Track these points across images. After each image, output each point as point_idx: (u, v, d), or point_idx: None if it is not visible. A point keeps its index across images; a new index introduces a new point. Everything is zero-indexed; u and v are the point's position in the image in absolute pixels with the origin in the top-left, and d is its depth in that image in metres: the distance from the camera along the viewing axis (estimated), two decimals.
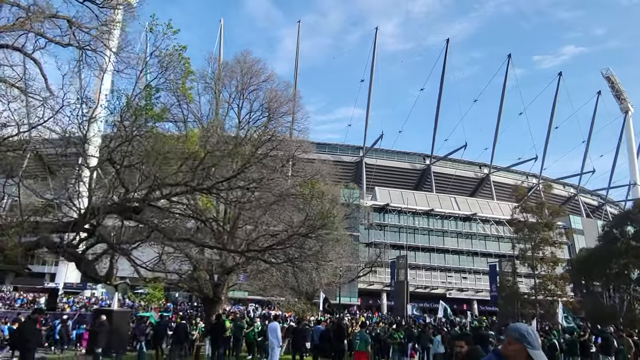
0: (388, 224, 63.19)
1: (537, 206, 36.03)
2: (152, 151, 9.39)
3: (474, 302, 61.86)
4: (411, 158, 77.87)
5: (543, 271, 35.00)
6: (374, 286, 59.31)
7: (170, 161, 10.05)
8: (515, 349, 2.77)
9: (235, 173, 11.26)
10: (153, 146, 9.47)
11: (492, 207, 69.07)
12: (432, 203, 66.11)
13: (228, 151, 12.00)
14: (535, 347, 2.76)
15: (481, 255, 63.72)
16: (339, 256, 28.23)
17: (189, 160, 9.82)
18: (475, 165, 79.79)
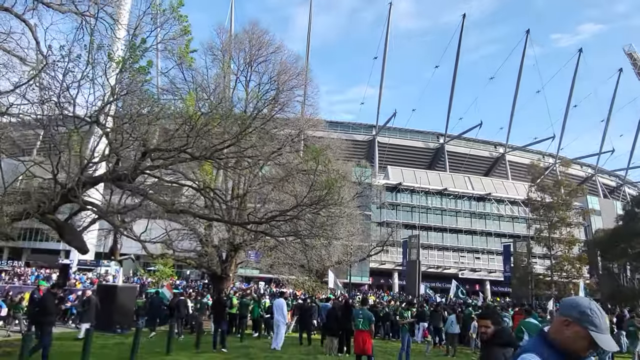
0: (400, 204, 62.42)
1: (554, 184, 34.82)
2: (144, 114, 8.72)
3: (486, 283, 61.35)
4: (425, 137, 76.50)
5: (560, 251, 34.01)
6: (385, 265, 59.01)
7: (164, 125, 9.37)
8: (575, 332, 2.03)
9: (235, 139, 10.51)
10: (141, 104, 8.77)
11: (506, 187, 67.80)
12: (446, 182, 65.02)
13: (226, 115, 11.22)
14: (602, 329, 2.01)
15: (495, 236, 62.85)
16: (349, 234, 27.57)
17: (185, 125, 9.12)
18: (490, 145, 78.19)
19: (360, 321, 9.24)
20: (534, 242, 37.42)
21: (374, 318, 9.79)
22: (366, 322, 9.15)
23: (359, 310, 9.49)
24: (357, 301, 22.97)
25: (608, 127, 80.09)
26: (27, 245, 66.17)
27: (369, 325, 9.34)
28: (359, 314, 9.30)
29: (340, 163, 31.67)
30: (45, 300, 10.27)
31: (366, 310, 9.46)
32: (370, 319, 9.32)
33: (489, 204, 65.10)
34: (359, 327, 9.23)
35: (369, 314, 9.32)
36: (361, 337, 9.22)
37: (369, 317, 9.23)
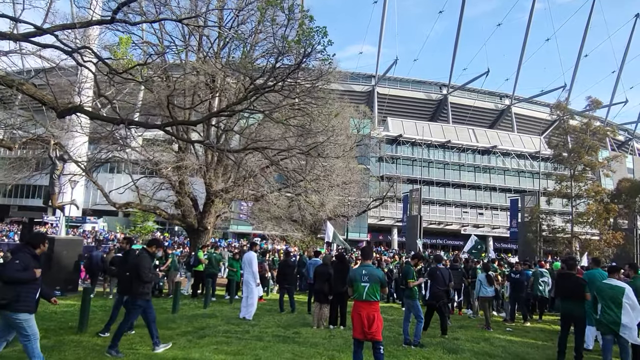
0: (401, 157, 59.22)
1: (581, 126, 31.41)
2: None
3: (489, 239, 58.96)
4: (427, 87, 72.35)
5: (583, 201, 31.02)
6: (384, 221, 56.50)
7: None
8: None
9: None
10: None
11: (513, 139, 64.45)
12: (449, 135, 61.56)
13: None
14: None
15: (499, 191, 60.05)
16: (344, 181, 24.37)
17: None
18: (495, 96, 74.21)
19: (365, 286, 5.80)
20: (551, 195, 34.36)
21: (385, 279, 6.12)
22: (374, 287, 5.81)
23: (361, 269, 5.97)
24: (355, 256, 19.98)
25: (620, 78, 75.87)
26: (13, 203, 63.85)
27: (378, 293, 5.89)
28: (362, 273, 5.87)
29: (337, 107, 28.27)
30: (141, 262, 7.21)
31: (372, 268, 5.99)
32: (381, 281, 5.94)
33: (494, 158, 61.97)
34: (363, 295, 5.81)
35: (377, 274, 5.90)
36: (365, 312, 5.74)
37: (378, 279, 5.85)
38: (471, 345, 8.44)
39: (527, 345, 8.89)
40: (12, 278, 5.22)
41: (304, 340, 8.21)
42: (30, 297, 5.33)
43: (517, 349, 8.41)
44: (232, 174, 20.60)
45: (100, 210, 55.10)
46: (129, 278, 7.23)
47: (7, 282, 5.20)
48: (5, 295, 5.15)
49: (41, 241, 5.74)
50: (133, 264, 7.24)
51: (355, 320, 5.89)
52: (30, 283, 5.34)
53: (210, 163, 20.67)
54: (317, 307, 9.78)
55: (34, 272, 5.37)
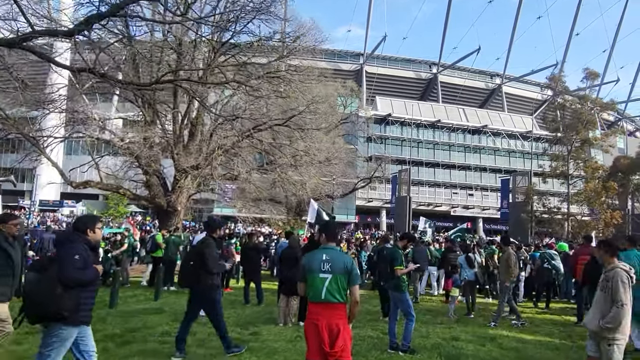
0: (389, 137, 57.55)
1: (580, 99, 29.74)
2: None
3: (479, 220, 57.97)
4: (416, 66, 70.34)
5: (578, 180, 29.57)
6: (372, 203, 54.99)
7: None
8: None
9: None
10: None
11: (503, 119, 63.03)
12: (439, 114, 59.85)
13: None
14: None
15: (490, 171, 58.74)
16: (328, 157, 22.52)
17: None
18: (486, 75, 72.54)
19: (325, 280, 3.80)
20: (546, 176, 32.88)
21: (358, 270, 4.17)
22: (338, 281, 3.81)
23: (320, 253, 3.98)
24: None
25: (612, 56, 74.24)
26: None
27: (344, 290, 3.86)
28: (321, 260, 3.89)
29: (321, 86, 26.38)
30: (207, 249, 6.06)
31: (337, 252, 4.03)
32: (350, 273, 3.90)
33: (484, 137, 60.55)
34: (321, 294, 3.81)
35: (343, 262, 3.90)
36: (325, 320, 3.75)
37: (344, 269, 3.85)
38: (475, 349, 6.68)
39: (543, 346, 7.13)
40: (74, 280, 3.81)
41: (260, 344, 6.42)
42: (89, 304, 4.04)
43: (533, 353, 6.65)
44: (204, 149, 18.68)
45: (80, 194, 52.78)
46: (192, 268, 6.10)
47: (67, 286, 3.77)
48: (65, 304, 3.73)
49: (93, 224, 4.22)
50: (197, 252, 6.15)
51: (310, 333, 3.80)
52: (90, 285, 4.02)
53: (179, 137, 18.73)
54: (284, 300, 7.93)
55: (96, 269, 4.05)
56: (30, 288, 3.82)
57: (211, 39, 15.99)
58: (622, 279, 4.30)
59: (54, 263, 3.84)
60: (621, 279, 4.31)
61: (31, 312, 3.80)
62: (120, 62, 17.46)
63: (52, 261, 3.92)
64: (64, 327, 3.81)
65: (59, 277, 3.74)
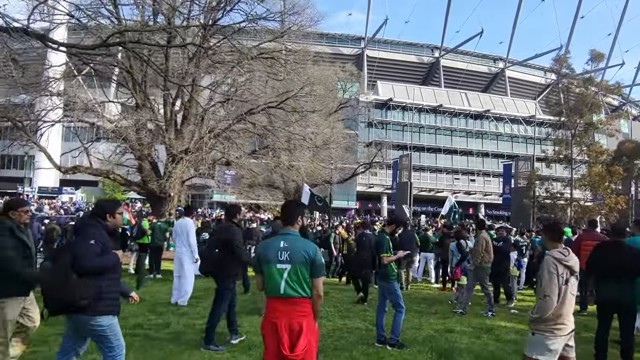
0: (391, 122, 56.95)
1: (584, 82, 29.00)
2: None
3: (481, 206, 57.53)
4: (418, 50, 69.44)
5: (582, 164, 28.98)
6: (373, 189, 54.61)
7: None
8: None
9: None
10: None
11: (506, 104, 62.26)
12: (441, 99, 59.05)
13: None
14: None
15: (492, 156, 58.19)
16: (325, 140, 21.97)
17: None
18: (489, 59, 71.62)
19: (283, 271, 3.28)
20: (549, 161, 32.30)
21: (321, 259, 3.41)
22: (299, 273, 3.27)
23: (278, 240, 3.43)
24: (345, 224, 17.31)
25: (617, 40, 72.88)
26: None
27: (307, 284, 3.30)
28: (279, 248, 3.35)
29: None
30: (233, 235, 6.02)
31: (298, 238, 3.44)
32: (313, 263, 3.31)
33: (486, 122, 59.86)
34: (279, 288, 3.27)
35: (304, 249, 3.33)
36: (285, 319, 3.24)
37: (305, 259, 3.29)
38: (470, 342, 6.22)
39: None
40: (92, 267, 3.62)
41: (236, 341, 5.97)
42: (113, 292, 3.83)
43: None
44: (196, 133, 18.17)
45: (79, 181, 52.47)
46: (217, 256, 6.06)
47: (86, 274, 3.58)
48: (84, 292, 3.53)
49: (113, 209, 4.00)
50: (224, 239, 6.03)
51: (268, 334, 3.31)
52: (111, 272, 3.79)
53: (170, 121, 18.21)
54: None
55: (116, 254, 3.84)
56: (45, 278, 3.68)
57: (202, 21, 15.41)
58: (548, 269, 3.79)
59: (66, 251, 3.64)
60: (548, 268, 3.80)
61: (49, 303, 3.61)
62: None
63: (64, 249, 3.81)
64: (99, 319, 3.62)
65: (75, 265, 3.54)
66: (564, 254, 3.88)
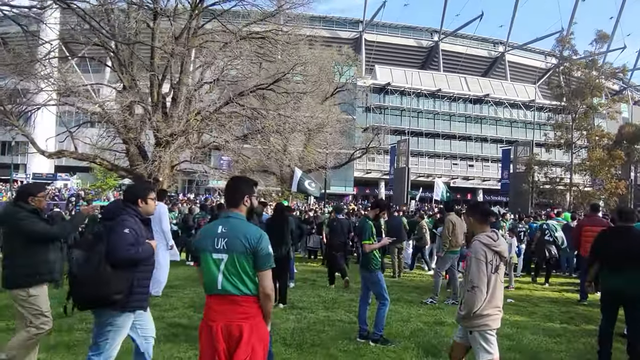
0: (389, 106, 56.14)
1: (586, 64, 28.30)
2: None
3: (479, 192, 57.08)
4: (417, 34, 68.37)
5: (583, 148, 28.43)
6: (371, 174, 54.10)
7: None
8: None
9: None
10: None
11: (506, 88, 61.44)
12: (440, 83, 58.19)
13: None
14: None
15: (491, 142, 57.55)
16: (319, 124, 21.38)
17: None
18: (489, 43, 70.59)
19: (220, 262, 2.69)
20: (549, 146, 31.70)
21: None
22: (239, 264, 2.67)
23: (216, 225, 2.84)
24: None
25: (619, 23, 71.69)
26: None
27: (251, 278, 2.69)
28: (216, 233, 2.75)
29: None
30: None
31: (240, 222, 2.81)
32: (256, 253, 2.69)
33: (486, 107, 59.13)
34: (216, 283, 2.69)
35: (246, 235, 2.70)
36: (223, 321, 2.64)
37: (245, 248, 2.68)
38: None
39: (542, 331, 6.17)
40: (127, 258, 3.37)
41: None
42: (144, 286, 3.61)
43: (529, 341, 5.66)
44: (183, 116, 17.59)
45: (74, 167, 51.90)
46: None
47: (119, 266, 3.32)
48: (119, 286, 3.30)
49: (145, 194, 3.69)
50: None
51: (203, 339, 2.76)
52: (144, 264, 3.56)
53: (157, 102, 17.59)
54: None
55: (150, 245, 3.61)
56: (77, 269, 3.34)
57: None
58: (476, 256, 3.34)
59: (102, 239, 3.36)
60: (476, 255, 3.34)
61: (79, 296, 3.34)
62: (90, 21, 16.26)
63: (99, 237, 3.40)
64: (117, 314, 3.38)
65: (107, 256, 3.29)
66: (492, 239, 3.41)
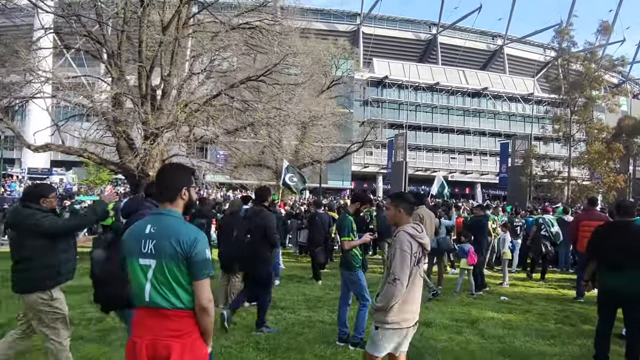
0: (386, 100, 55.65)
1: (585, 56, 27.87)
2: None
3: (477, 186, 56.75)
4: (415, 26, 67.76)
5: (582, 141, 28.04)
6: (369, 169, 53.71)
7: None
8: None
9: None
10: None
11: (504, 81, 60.95)
12: (438, 76, 57.68)
13: None
14: None
15: (489, 135, 57.09)
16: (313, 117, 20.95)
17: None
18: (487, 36, 70.02)
19: (147, 269, 2.23)
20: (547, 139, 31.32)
21: None
22: (169, 272, 2.21)
23: (144, 223, 2.33)
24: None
25: (618, 16, 71.05)
26: None
27: (186, 289, 2.22)
28: (144, 235, 2.27)
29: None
30: (268, 221, 5.94)
31: (174, 220, 2.30)
32: (193, 266, 2.21)
33: (484, 100, 58.64)
34: (144, 295, 2.23)
35: (179, 238, 2.21)
36: (148, 337, 2.18)
37: (176, 252, 2.20)
38: (449, 339, 5.35)
39: (535, 332, 5.78)
40: None
41: None
42: None
43: (520, 344, 5.28)
44: (174, 108, 17.20)
45: (70, 161, 51.51)
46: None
47: None
48: None
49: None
50: (258, 225, 5.84)
51: (127, 356, 2.30)
52: None
53: (145, 94, 17.17)
54: (224, 277, 6.59)
55: None
56: (98, 269, 3.34)
57: None
58: (401, 247, 3.11)
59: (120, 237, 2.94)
60: (401, 246, 3.11)
61: (102, 297, 3.28)
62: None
63: (118, 234, 3.16)
64: None
65: None
66: (418, 230, 3.20)
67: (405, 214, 3.28)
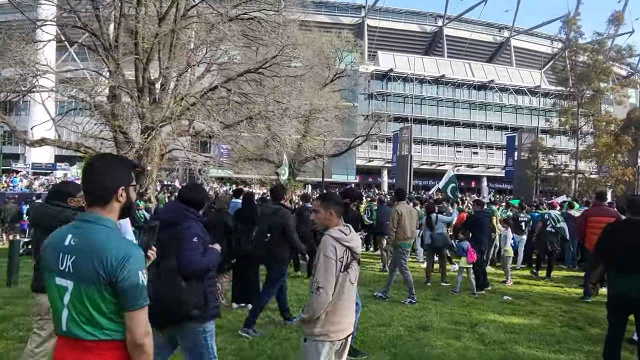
0: (391, 93, 55.09)
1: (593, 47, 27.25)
2: None
3: (483, 179, 56.15)
4: (421, 19, 66.96)
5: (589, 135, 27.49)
6: (373, 162, 53.25)
7: None
8: None
9: None
10: None
11: (511, 74, 60.11)
12: (444, 69, 56.96)
13: None
14: None
15: (496, 128, 56.33)
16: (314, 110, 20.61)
17: None
18: (494, 28, 69.03)
19: (64, 292, 1.78)
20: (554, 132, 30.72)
21: None
22: (88, 297, 1.74)
23: (67, 229, 1.86)
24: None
25: (627, 6, 69.81)
26: None
27: (109, 319, 1.76)
28: (63, 248, 1.81)
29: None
30: (287, 220, 5.83)
31: (103, 233, 1.80)
32: (122, 292, 1.73)
33: (490, 93, 57.91)
34: (62, 323, 1.78)
35: (106, 255, 1.73)
36: None
37: (104, 275, 1.72)
38: (446, 344, 5.03)
39: (540, 337, 5.44)
40: (200, 269, 3.14)
41: None
42: (214, 293, 3.40)
43: (523, 350, 4.92)
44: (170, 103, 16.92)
45: (74, 157, 51.45)
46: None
47: (191, 277, 3.07)
48: (193, 298, 3.04)
49: (206, 195, 3.67)
50: (277, 224, 5.71)
51: None
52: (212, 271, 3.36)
53: (142, 88, 16.88)
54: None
55: (216, 250, 3.42)
56: (151, 289, 2.64)
57: None
58: (325, 252, 2.81)
59: (169, 251, 3.07)
60: (325, 251, 2.82)
61: (159, 318, 2.76)
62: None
63: (166, 249, 3.07)
64: (201, 325, 3.11)
65: (180, 269, 3.03)
66: (344, 233, 2.89)
67: (336, 216, 3.00)
